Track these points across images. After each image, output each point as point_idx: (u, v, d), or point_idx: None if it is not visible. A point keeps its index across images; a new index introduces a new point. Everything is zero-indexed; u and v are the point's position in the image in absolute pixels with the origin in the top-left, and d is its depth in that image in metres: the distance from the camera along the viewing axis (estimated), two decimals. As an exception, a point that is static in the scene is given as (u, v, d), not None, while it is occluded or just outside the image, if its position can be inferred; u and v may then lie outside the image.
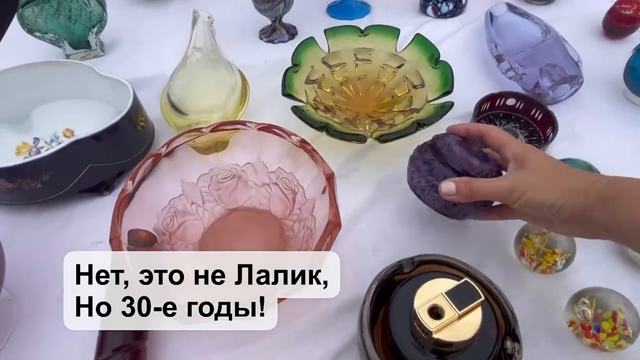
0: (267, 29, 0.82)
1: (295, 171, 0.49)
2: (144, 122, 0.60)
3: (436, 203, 0.47)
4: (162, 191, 0.48)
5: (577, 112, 0.66)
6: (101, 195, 0.58)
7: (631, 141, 0.62)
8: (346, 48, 0.69)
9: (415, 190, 0.49)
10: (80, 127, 0.65)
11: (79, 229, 0.55)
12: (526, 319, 0.44)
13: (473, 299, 0.34)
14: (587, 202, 0.36)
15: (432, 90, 0.62)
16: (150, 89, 0.71)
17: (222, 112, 0.61)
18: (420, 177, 0.47)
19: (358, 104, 0.66)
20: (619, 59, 0.67)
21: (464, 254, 0.50)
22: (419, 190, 0.48)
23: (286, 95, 0.61)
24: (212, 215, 0.51)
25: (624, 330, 0.40)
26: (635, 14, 0.74)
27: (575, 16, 0.82)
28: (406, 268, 0.41)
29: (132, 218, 0.43)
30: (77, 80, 0.63)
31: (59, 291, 0.50)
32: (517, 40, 0.70)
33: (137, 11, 0.92)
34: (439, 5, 0.83)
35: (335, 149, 0.60)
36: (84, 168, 0.54)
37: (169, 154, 0.47)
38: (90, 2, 0.71)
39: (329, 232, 0.39)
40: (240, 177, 0.52)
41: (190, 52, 0.66)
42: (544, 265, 0.46)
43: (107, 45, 0.82)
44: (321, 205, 0.44)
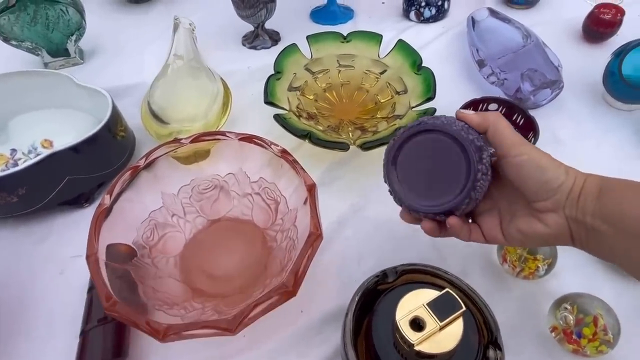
0: (250, 35, 0.81)
1: (277, 181, 0.48)
2: (124, 131, 0.59)
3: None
4: (142, 204, 0.47)
5: (558, 117, 0.66)
6: (81, 208, 0.57)
7: (610, 145, 0.63)
8: (329, 54, 0.69)
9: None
10: (60, 137, 0.64)
11: (58, 242, 0.54)
12: (509, 325, 0.44)
13: (454, 310, 0.34)
14: (584, 187, 0.33)
15: (414, 97, 0.62)
16: (131, 97, 0.70)
17: (203, 120, 0.60)
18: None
19: (341, 111, 0.66)
20: (599, 63, 0.68)
21: (448, 261, 0.51)
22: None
23: (268, 103, 0.60)
24: (194, 227, 0.51)
25: (605, 336, 0.40)
26: (613, 18, 0.75)
27: (555, 20, 0.83)
28: (390, 277, 0.41)
29: (111, 232, 0.42)
30: (55, 90, 0.62)
31: (37, 306, 0.49)
32: (499, 45, 0.71)
33: (118, 17, 0.90)
34: (421, 10, 0.84)
35: (318, 156, 0.59)
36: (62, 180, 0.53)
37: (148, 166, 0.46)
38: (68, 9, 0.70)
39: (310, 244, 0.39)
40: (222, 187, 0.52)
41: (171, 60, 0.65)
42: (526, 272, 0.46)
43: (87, 53, 0.81)
44: (303, 216, 0.44)
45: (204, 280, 0.47)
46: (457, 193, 0.36)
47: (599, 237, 0.33)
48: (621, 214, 0.31)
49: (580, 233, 0.34)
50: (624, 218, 0.31)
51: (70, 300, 0.48)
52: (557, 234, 0.34)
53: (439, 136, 0.36)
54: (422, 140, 0.37)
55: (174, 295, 0.43)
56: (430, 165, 0.37)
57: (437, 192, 0.37)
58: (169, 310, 0.40)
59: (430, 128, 0.36)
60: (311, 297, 0.47)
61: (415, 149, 0.38)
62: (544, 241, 0.36)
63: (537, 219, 0.35)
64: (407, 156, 0.38)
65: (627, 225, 0.31)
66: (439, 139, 0.36)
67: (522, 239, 0.36)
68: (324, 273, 0.50)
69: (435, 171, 0.37)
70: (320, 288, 0.49)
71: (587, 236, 0.33)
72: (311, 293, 0.47)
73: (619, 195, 0.32)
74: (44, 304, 0.49)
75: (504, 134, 0.35)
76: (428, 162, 0.37)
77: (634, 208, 0.31)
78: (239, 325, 0.35)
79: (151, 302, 0.40)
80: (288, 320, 0.46)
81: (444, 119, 0.37)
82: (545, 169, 0.34)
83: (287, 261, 0.43)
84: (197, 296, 0.44)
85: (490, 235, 0.38)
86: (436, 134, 0.36)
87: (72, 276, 0.50)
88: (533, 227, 0.35)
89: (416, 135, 0.37)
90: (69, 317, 0.47)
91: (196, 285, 0.46)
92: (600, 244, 0.33)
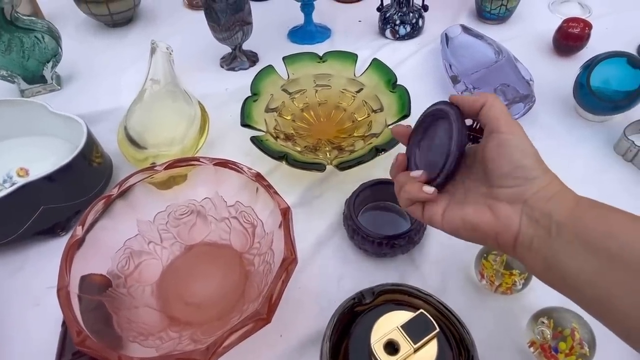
0: (228, 56, 0.82)
1: (253, 205, 0.48)
2: (100, 158, 0.59)
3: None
4: (117, 232, 0.46)
5: (532, 130, 0.67)
6: (57, 237, 0.56)
7: (583, 156, 0.64)
8: (305, 74, 0.70)
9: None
10: (36, 165, 0.63)
11: (33, 273, 0.53)
12: (489, 341, 0.44)
13: (428, 331, 0.34)
14: (559, 193, 0.31)
15: (390, 115, 0.63)
16: (108, 122, 0.70)
17: (181, 144, 0.60)
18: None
19: (319, 130, 0.66)
20: (569, 76, 0.69)
21: (427, 279, 0.51)
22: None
23: (245, 125, 0.60)
24: (171, 253, 0.50)
25: (581, 349, 0.40)
26: (582, 32, 0.78)
27: (526, 35, 0.85)
28: (367, 299, 0.41)
29: (85, 263, 0.42)
30: (29, 118, 0.62)
31: (11, 340, 0.48)
32: (472, 60, 0.72)
33: (95, 41, 0.91)
34: (396, 28, 0.85)
35: (297, 176, 0.60)
36: (36, 210, 0.52)
37: (122, 194, 0.46)
38: (43, 37, 0.70)
39: (285, 268, 0.39)
40: (199, 212, 0.51)
41: (148, 85, 0.65)
42: (504, 287, 0.47)
43: (64, 78, 0.80)
44: (279, 239, 0.43)
45: (182, 308, 0.46)
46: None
47: (560, 251, 0.29)
48: (607, 234, 0.28)
49: (532, 237, 0.30)
50: (608, 239, 0.28)
51: (45, 332, 0.47)
52: (500, 230, 0.32)
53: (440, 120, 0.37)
54: (432, 124, 0.38)
55: (150, 325, 0.42)
56: (431, 143, 0.38)
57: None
58: (144, 342, 0.39)
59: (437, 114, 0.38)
60: (290, 321, 0.47)
61: (429, 131, 0.39)
62: (481, 234, 0.33)
63: (487, 208, 0.33)
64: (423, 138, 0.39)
65: (608, 246, 0.28)
66: (441, 123, 0.37)
67: (458, 227, 0.34)
68: (303, 295, 0.50)
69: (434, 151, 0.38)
70: (299, 310, 0.48)
71: (542, 244, 0.30)
72: (290, 316, 0.47)
73: (607, 214, 0.29)
74: (18, 337, 0.48)
75: (499, 110, 0.34)
76: (431, 141, 0.38)
77: (623, 231, 0.28)
78: (213, 355, 0.34)
79: (126, 334, 0.40)
80: (267, 344, 0.46)
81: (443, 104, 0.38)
82: (527, 155, 0.32)
83: (264, 286, 0.43)
84: (174, 325, 0.44)
85: (430, 212, 0.36)
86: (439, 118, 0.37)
87: (48, 308, 0.49)
88: (479, 215, 0.33)
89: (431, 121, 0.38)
90: (43, 351, 0.45)
91: (173, 313, 0.45)
92: (557, 259, 0.29)
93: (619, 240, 0.27)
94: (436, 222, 0.35)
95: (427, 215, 0.36)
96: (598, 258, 0.28)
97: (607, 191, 0.58)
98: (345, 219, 0.53)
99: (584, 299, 0.29)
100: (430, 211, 0.36)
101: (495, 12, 0.87)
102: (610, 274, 0.27)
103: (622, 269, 0.27)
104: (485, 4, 0.87)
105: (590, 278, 0.28)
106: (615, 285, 0.27)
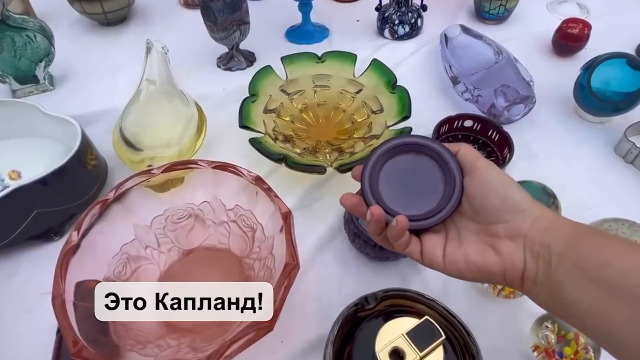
0: (225, 56, 0.81)
1: (253, 208, 0.48)
2: (95, 160, 0.58)
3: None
4: (113, 237, 0.45)
5: (532, 131, 0.67)
6: (51, 241, 0.55)
7: (583, 157, 0.64)
8: (304, 75, 0.69)
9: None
10: (28, 168, 0.61)
11: (26, 279, 0.52)
12: (492, 346, 0.43)
13: (434, 338, 0.33)
14: (553, 222, 0.31)
15: (391, 116, 0.62)
16: (103, 124, 0.69)
17: (177, 146, 0.59)
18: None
19: (318, 132, 0.65)
20: (569, 77, 0.69)
21: (429, 283, 0.51)
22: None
23: (243, 127, 0.59)
24: (169, 258, 0.49)
25: (586, 354, 0.40)
26: (581, 33, 0.77)
27: (526, 35, 0.85)
28: (370, 304, 0.41)
29: (81, 269, 0.41)
30: (21, 119, 0.60)
31: (3, 348, 0.46)
32: (471, 61, 0.72)
33: (89, 41, 0.89)
34: (395, 28, 0.85)
35: (297, 178, 0.59)
36: (29, 214, 0.51)
37: (118, 198, 0.45)
38: (36, 36, 0.68)
39: (287, 275, 0.38)
40: (197, 216, 0.50)
41: (143, 85, 0.64)
42: (506, 291, 0.46)
43: (57, 78, 0.79)
44: (280, 244, 0.43)
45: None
46: (439, 201, 0.34)
47: (561, 282, 0.29)
48: (605, 264, 0.28)
49: (536, 271, 0.30)
50: (606, 268, 0.27)
51: (39, 340, 0.46)
52: (508, 267, 0.31)
53: (419, 155, 0.36)
54: (403, 158, 0.36)
55: (147, 333, 0.41)
56: (410, 181, 0.36)
57: (417, 202, 0.36)
58: (142, 350, 0.38)
59: (412, 143, 0.36)
60: (291, 326, 0.46)
61: (398, 165, 0.36)
62: (488, 275, 0.32)
63: (489, 247, 0.32)
64: (388, 172, 0.37)
65: (606, 275, 0.27)
66: (419, 159, 0.36)
67: (464, 269, 0.32)
68: (305, 299, 0.49)
69: (415, 186, 0.35)
70: (300, 316, 0.48)
71: (545, 277, 0.30)
72: (291, 322, 0.46)
73: (603, 243, 0.29)
74: (11, 345, 0.47)
75: (474, 153, 0.34)
76: (409, 178, 0.36)
77: (620, 260, 0.27)
78: (215, 365, 0.34)
79: (123, 342, 0.38)
80: (269, 350, 0.45)
81: (421, 138, 0.36)
82: (510, 185, 0.32)
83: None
84: (173, 332, 0.43)
85: (429, 255, 0.34)
86: (417, 153, 0.36)
87: (42, 315, 0.48)
88: (483, 256, 0.32)
89: (399, 153, 0.36)
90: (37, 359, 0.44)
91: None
92: (559, 290, 0.29)
93: (615, 269, 0.27)
94: (437, 265, 0.33)
95: (427, 259, 0.34)
96: (597, 288, 0.27)
97: (607, 193, 0.58)
98: (346, 223, 0.52)
99: (587, 328, 0.29)
100: (429, 254, 0.34)
101: (494, 12, 0.87)
102: (609, 304, 0.27)
103: (621, 299, 0.26)
104: (484, 4, 0.86)
105: (590, 308, 0.28)
106: (615, 316, 0.27)
